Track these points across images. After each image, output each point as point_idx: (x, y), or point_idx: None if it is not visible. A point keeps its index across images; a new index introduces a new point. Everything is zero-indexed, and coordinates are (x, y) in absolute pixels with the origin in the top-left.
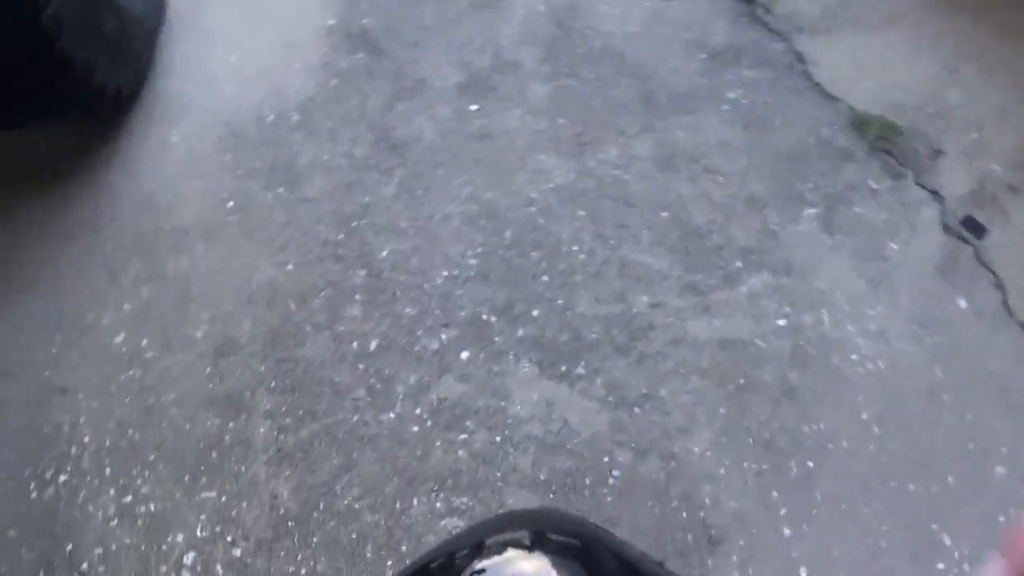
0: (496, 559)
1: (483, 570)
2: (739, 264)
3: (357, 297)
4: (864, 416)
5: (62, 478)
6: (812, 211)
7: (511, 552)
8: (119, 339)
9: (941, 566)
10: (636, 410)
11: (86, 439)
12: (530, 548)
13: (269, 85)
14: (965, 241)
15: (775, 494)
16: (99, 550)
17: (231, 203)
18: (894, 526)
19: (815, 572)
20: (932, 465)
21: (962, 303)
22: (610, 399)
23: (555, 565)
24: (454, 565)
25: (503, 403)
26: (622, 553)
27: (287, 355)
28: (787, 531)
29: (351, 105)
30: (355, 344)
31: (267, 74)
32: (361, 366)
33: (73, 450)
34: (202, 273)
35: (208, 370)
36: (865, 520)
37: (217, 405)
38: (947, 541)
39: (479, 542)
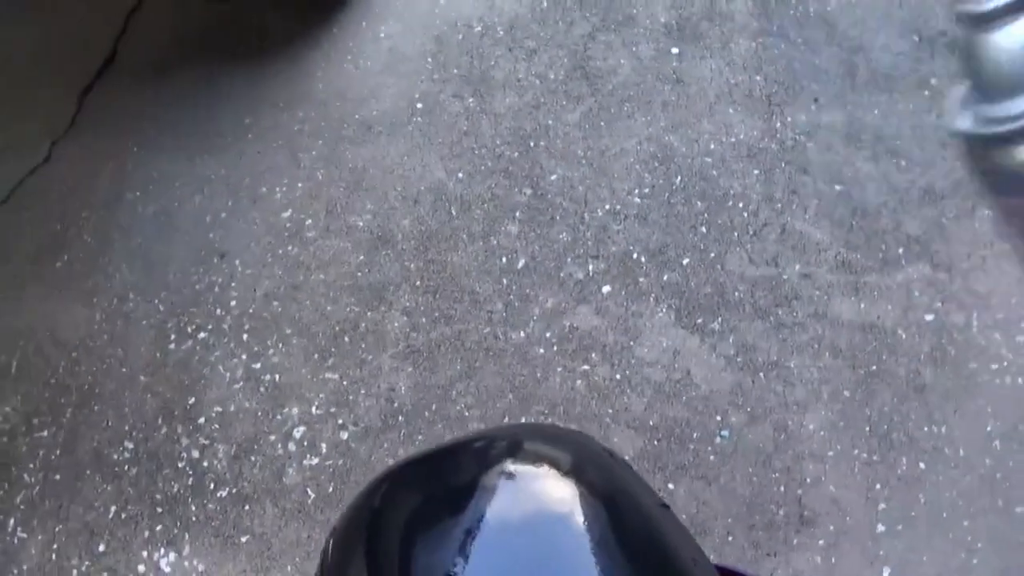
0: (529, 468)
1: (512, 474)
2: (900, 251)
3: (517, 215)
4: (989, 428)
5: (201, 335)
6: (987, 212)
7: (545, 468)
8: (286, 215)
9: None
10: (761, 375)
11: (232, 303)
12: (565, 473)
13: None
14: None
15: (878, 487)
16: (218, 408)
17: (420, 105)
18: (990, 546)
19: (898, 574)
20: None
21: None
22: (738, 359)
23: (583, 500)
24: (489, 455)
25: (632, 343)
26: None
27: (437, 258)
28: (881, 527)
29: (556, 29)
30: (504, 259)
31: None
32: (504, 281)
33: (218, 311)
34: (377, 167)
35: (360, 259)
36: (962, 533)
37: (360, 293)
38: None
39: (519, 442)
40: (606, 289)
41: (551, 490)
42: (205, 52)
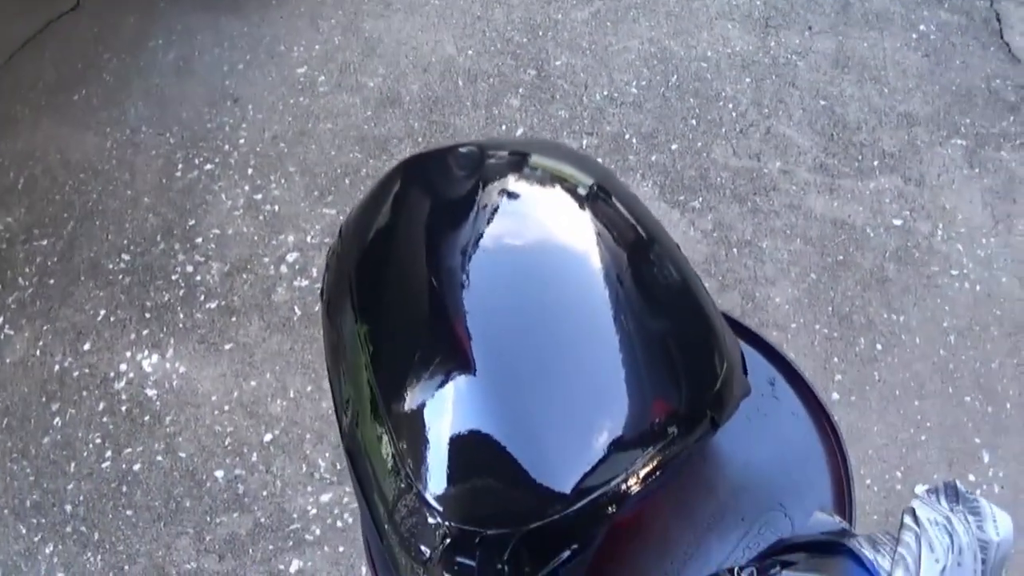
0: (530, 189)
1: (516, 194)
2: (875, 163)
3: (520, 91)
4: (945, 324)
5: (208, 166)
6: (961, 142)
7: (560, 190)
8: (301, 70)
9: (972, 478)
10: (734, 250)
11: (241, 141)
12: (583, 199)
13: None
14: None
15: (836, 360)
16: (216, 230)
17: None
18: (939, 427)
19: (848, 439)
20: (995, 389)
21: None
22: (714, 234)
23: (594, 229)
24: (495, 168)
25: None
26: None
27: (441, 119)
28: (835, 395)
29: None
30: (504, 127)
31: None
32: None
33: (226, 147)
34: (392, 38)
35: (368, 114)
36: (913, 412)
37: (365, 143)
38: (986, 458)
39: (519, 153)
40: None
41: (544, 213)
42: None
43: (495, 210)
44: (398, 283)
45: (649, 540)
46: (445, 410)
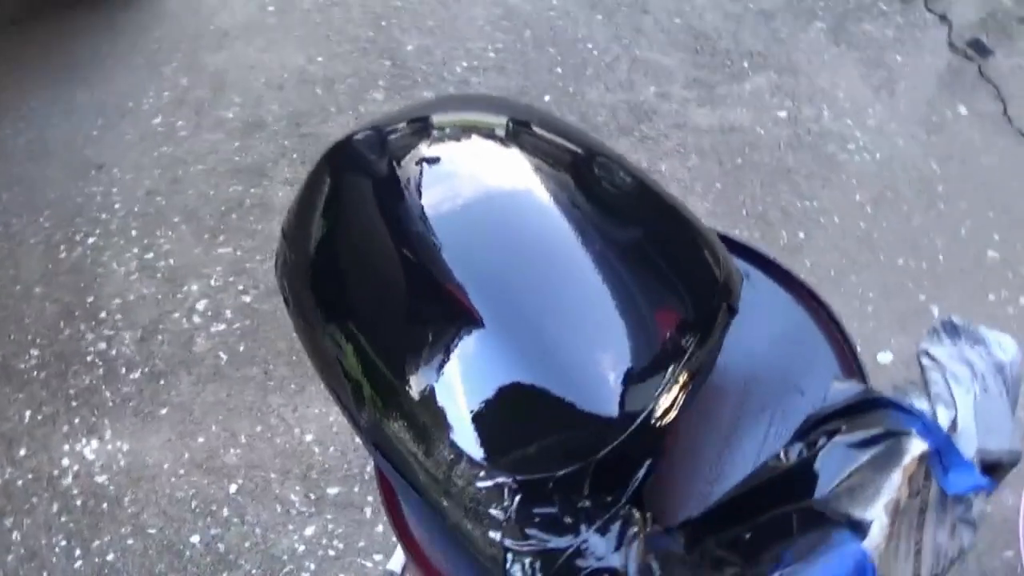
0: (451, 145)
1: (436, 158)
2: (745, 64)
3: (380, 83)
4: (857, 198)
5: (90, 240)
6: (821, 24)
7: (477, 138)
8: (156, 121)
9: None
10: None
11: (116, 206)
12: (504, 138)
13: None
14: (969, 59)
15: None
16: (118, 300)
17: (271, 7)
18: (882, 296)
19: None
20: (923, 245)
21: (962, 109)
22: None
23: (531, 162)
24: (390, 139)
25: None
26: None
27: (310, 131)
28: None
29: None
30: None
31: None
32: None
33: (104, 215)
34: (238, 65)
35: (236, 145)
36: (853, 287)
37: (241, 174)
38: (935, 312)
39: (426, 117)
40: None
41: (491, 158)
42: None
43: (436, 171)
44: (368, 267)
45: (684, 455)
46: (469, 369)
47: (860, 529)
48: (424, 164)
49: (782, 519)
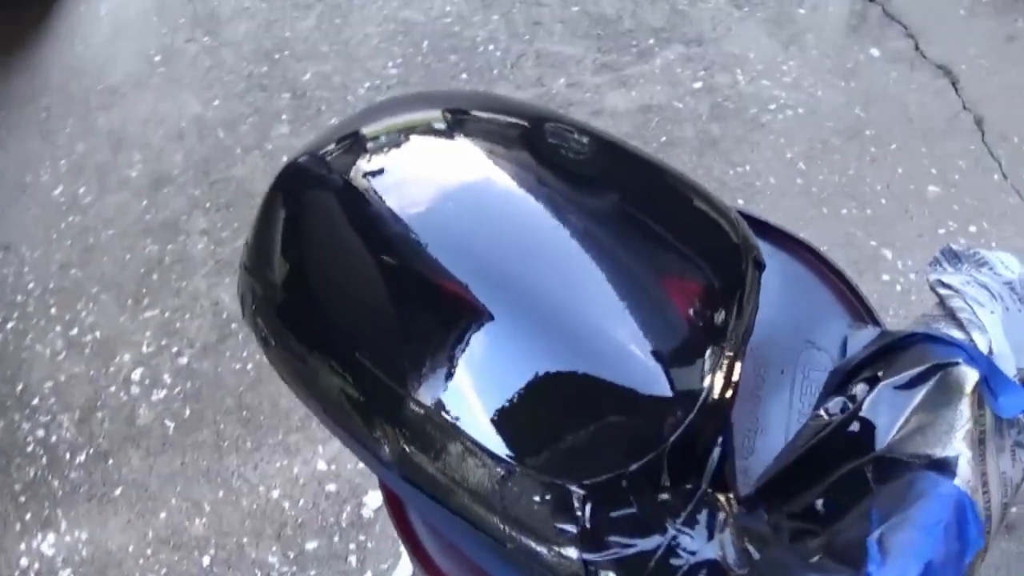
0: (395, 149)
1: (382, 167)
2: (651, 41)
3: (284, 117)
4: (789, 155)
5: (9, 325)
6: None
7: (417, 137)
8: (57, 192)
9: (886, 277)
10: None
11: (30, 286)
12: (448, 128)
13: None
14: (872, 1)
15: None
16: (49, 383)
17: (158, 57)
18: (833, 248)
19: None
20: (863, 192)
21: (874, 52)
22: None
23: (482, 146)
24: (336, 156)
25: None
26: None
27: (220, 177)
28: None
29: None
30: (285, 156)
31: None
32: None
33: (18, 298)
34: (133, 121)
35: (144, 203)
36: None
37: (154, 232)
38: (888, 255)
39: (359, 131)
40: None
41: (432, 153)
42: None
43: (396, 174)
44: (354, 284)
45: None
46: (502, 371)
47: (945, 468)
48: (374, 173)
49: (853, 476)
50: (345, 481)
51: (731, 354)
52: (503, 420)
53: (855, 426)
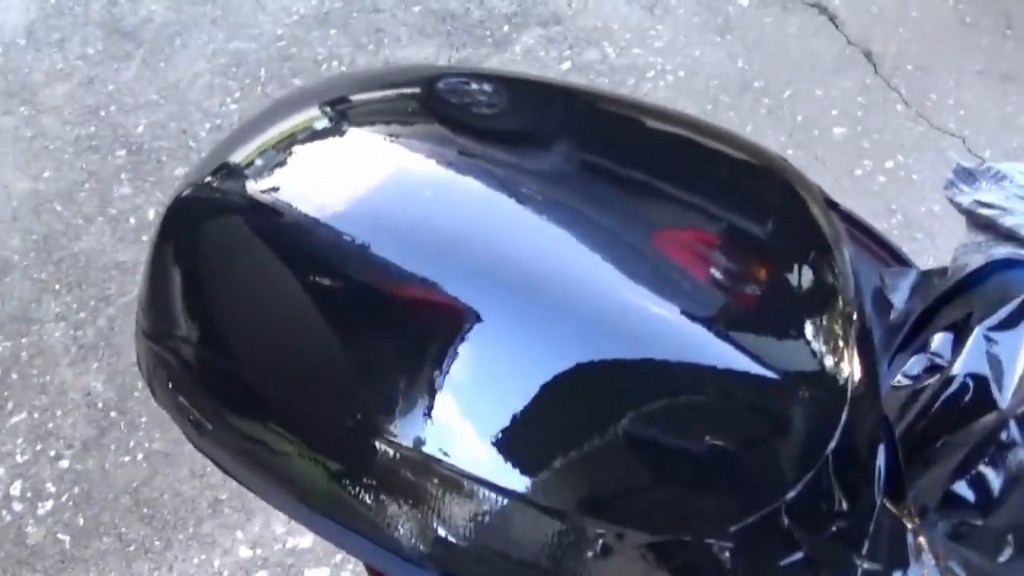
0: (285, 162)
1: (284, 179)
2: (505, 28)
3: (123, 176)
4: None
5: None
6: None
7: (304, 143)
8: None
9: None
10: None
11: None
12: (333, 122)
13: None
14: None
15: None
16: None
17: None
18: None
19: None
20: (768, 145)
21: (743, 1)
22: None
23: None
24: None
25: None
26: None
27: (65, 254)
28: None
29: (75, 14)
30: (132, 220)
31: None
32: (144, 237)
33: None
34: None
35: None
36: None
37: (5, 328)
38: None
39: (241, 148)
40: None
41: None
42: None
43: (301, 179)
44: (303, 319)
45: None
46: (552, 398)
47: None
48: (285, 179)
49: (980, 450)
50: (275, 565)
51: (857, 321)
52: (580, 470)
53: (956, 385)
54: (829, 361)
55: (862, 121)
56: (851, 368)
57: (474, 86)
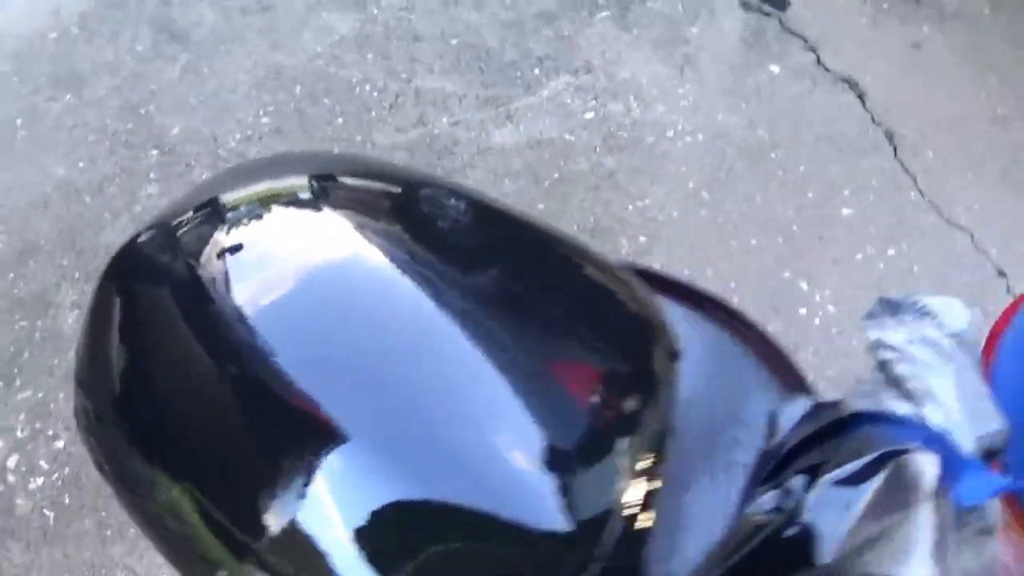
0: (253, 224)
1: (238, 245)
2: (536, 71)
3: (152, 175)
4: (691, 185)
5: None
6: (605, 14)
7: (278, 209)
8: None
9: (803, 311)
10: None
11: None
12: (313, 198)
13: (47, 8)
14: (767, 15)
15: None
16: None
17: (19, 120)
18: (745, 281)
19: None
20: (773, 219)
21: (774, 68)
22: None
23: (356, 220)
24: (178, 235)
25: None
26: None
27: (88, 245)
28: None
29: (129, 8)
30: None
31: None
32: None
33: None
34: None
35: (11, 276)
36: (712, 281)
37: (24, 307)
38: (804, 287)
39: (214, 199)
40: None
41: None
42: None
43: (244, 259)
44: (200, 405)
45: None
46: (355, 511)
47: None
48: (227, 254)
49: None
50: None
51: (642, 473)
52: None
53: (794, 530)
54: (597, 509)
55: (872, 204)
56: (620, 518)
57: (446, 206)
